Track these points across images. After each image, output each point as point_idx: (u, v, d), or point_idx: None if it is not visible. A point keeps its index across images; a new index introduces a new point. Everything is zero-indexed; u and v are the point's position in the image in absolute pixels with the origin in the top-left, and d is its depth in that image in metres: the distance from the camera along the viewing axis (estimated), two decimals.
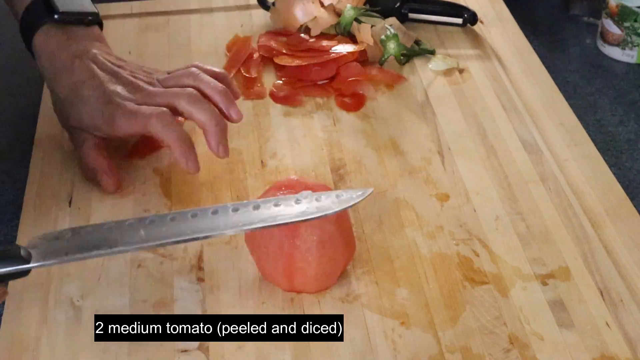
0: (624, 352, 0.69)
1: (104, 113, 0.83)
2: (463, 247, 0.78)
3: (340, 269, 0.75)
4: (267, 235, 0.72)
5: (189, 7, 1.12)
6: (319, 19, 1.03)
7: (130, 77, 0.85)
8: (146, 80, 0.86)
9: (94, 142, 0.85)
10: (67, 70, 0.85)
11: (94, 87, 0.84)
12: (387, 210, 0.82)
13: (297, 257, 0.72)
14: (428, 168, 0.87)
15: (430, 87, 0.99)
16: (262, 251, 0.73)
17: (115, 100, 0.83)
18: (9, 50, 1.13)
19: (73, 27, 0.88)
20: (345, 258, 0.74)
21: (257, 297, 0.74)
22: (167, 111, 0.81)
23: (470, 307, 0.73)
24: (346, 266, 0.75)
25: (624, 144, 0.95)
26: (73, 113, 0.85)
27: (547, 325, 0.71)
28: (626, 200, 0.83)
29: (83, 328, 0.72)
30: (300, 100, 0.97)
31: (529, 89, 0.98)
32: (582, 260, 0.77)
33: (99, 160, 0.84)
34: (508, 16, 1.11)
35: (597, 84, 1.04)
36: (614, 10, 1.05)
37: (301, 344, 0.70)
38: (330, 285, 0.74)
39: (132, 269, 0.77)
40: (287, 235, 0.71)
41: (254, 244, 0.74)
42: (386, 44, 1.00)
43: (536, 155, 0.88)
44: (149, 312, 0.73)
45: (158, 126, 0.80)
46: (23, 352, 0.70)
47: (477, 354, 0.69)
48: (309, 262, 0.72)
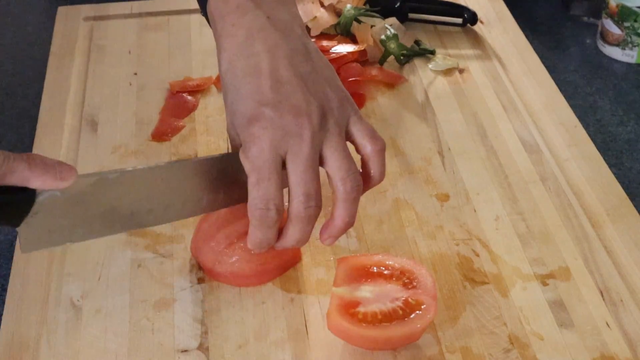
0: (624, 352, 0.69)
1: (251, 119, 0.68)
2: (463, 247, 0.78)
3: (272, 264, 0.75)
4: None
5: (189, 7, 1.12)
6: (319, 19, 1.03)
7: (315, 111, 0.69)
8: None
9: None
10: (237, 44, 0.70)
11: (263, 83, 0.69)
12: (387, 210, 0.82)
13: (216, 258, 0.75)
14: (428, 168, 0.87)
15: (430, 87, 0.99)
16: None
17: (262, 135, 0.67)
18: (9, 50, 1.13)
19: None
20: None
21: (257, 297, 0.74)
22: (275, 209, 0.67)
23: (470, 307, 0.73)
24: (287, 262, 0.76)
25: (624, 144, 0.95)
26: (229, 96, 0.70)
27: (547, 325, 0.71)
28: (626, 200, 0.83)
29: (83, 328, 0.72)
30: None
31: (529, 89, 0.98)
32: (582, 260, 0.77)
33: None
34: (508, 16, 1.11)
35: (597, 84, 1.04)
36: (614, 10, 1.05)
37: (301, 344, 0.70)
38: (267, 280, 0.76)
39: (132, 269, 0.77)
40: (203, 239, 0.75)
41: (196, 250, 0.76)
42: (386, 44, 1.00)
43: (536, 155, 0.88)
44: (149, 312, 0.73)
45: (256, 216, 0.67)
46: (23, 352, 0.70)
47: (477, 354, 0.69)
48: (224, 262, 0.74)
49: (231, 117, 0.70)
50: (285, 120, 0.67)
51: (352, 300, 0.69)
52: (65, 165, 0.64)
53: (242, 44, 0.70)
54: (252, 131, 0.67)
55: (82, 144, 0.91)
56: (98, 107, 0.96)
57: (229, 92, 0.70)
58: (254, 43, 0.70)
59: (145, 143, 0.90)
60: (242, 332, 0.71)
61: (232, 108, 0.70)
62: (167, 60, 1.03)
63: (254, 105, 0.68)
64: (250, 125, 0.67)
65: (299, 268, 0.77)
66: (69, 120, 0.94)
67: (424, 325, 0.68)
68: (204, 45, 1.06)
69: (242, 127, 0.68)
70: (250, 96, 0.68)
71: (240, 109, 0.69)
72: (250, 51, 0.70)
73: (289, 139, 0.67)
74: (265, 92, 0.68)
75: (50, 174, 0.63)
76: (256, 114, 0.68)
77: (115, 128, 0.93)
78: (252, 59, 0.69)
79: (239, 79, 0.69)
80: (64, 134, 0.92)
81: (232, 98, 0.70)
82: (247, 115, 0.68)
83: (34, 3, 1.23)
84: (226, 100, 0.71)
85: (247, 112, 0.68)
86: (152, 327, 0.72)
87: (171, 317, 0.73)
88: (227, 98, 0.71)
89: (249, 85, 0.69)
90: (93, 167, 0.87)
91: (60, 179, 0.63)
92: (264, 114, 0.67)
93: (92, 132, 0.92)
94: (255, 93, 0.68)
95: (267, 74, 0.69)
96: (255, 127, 0.67)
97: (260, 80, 0.69)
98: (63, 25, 1.09)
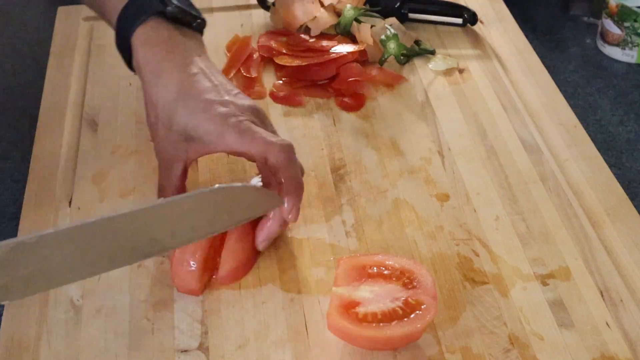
0: (624, 352, 0.69)
1: (214, 117, 0.75)
2: (463, 247, 0.78)
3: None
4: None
5: None
6: (319, 19, 1.03)
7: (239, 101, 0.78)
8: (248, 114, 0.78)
9: (184, 168, 0.78)
10: (178, 64, 0.78)
11: (210, 86, 0.77)
12: (387, 210, 0.82)
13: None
14: (428, 168, 0.87)
15: (430, 87, 0.99)
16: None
17: (232, 109, 0.76)
18: (9, 51, 1.13)
19: (181, 27, 0.81)
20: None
21: (257, 297, 0.74)
22: (292, 145, 0.75)
23: (470, 307, 0.73)
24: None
25: (624, 144, 0.95)
26: (179, 115, 0.76)
27: (547, 325, 0.71)
28: (626, 200, 0.83)
29: (83, 328, 0.72)
30: (300, 100, 0.97)
31: (529, 89, 0.98)
32: (582, 260, 0.77)
33: (178, 192, 0.78)
34: (508, 16, 1.11)
35: (597, 84, 1.04)
36: (614, 10, 1.05)
37: (301, 343, 0.70)
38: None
39: (132, 269, 0.77)
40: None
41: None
42: (386, 44, 1.00)
43: (536, 155, 0.88)
44: (149, 312, 0.73)
45: (283, 157, 0.74)
46: (23, 352, 0.70)
47: (477, 354, 0.69)
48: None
49: (196, 133, 0.76)
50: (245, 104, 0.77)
51: (352, 300, 0.69)
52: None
53: (182, 68, 0.78)
54: (242, 126, 0.75)
55: (82, 144, 0.91)
56: (98, 107, 0.96)
57: (184, 113, 0.76)
58: (191, 66, 0.79)
59: (145, 143, 0.90)
60: (242, 332, 0.71)
61: (194, 123, 0.76)
62: None
63: (217, 109, 0.76)
64: (221, 107, 0.76)
65: (299, 268, 0.77)
66: (69, 120, 0.94)
67: (424, 325, 0.68)
68: None
69: (209, 115, 0.75)
70: (210, 103, 0.76)
71: (207, 120, 0.76)
72: (191, 73, 0.78)
73: (259, 117, 0.78)
74: (221, 94, 0.78)
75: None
76: (222, 112, 0.75)
77: (115, 128, 0.93)
78: (195, 78, 0.78)
79: (198, 95, 0.77)
80: (64, 134, 0.92)
81: (191, 115, 0.76)
82: (220, 119, 0.75)
83: (34, 3, 1.23)
84: (173, 118, 0.77)
85: (220, 117, 0.75)
86: (152, 327, 0.72)
87: (171, 317, 0.73)
88: (178, 120, 0.76)
89: (208, 94, 0.77)
90: (93, 167, 0.87)
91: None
92: (220, 109, 0.76)
93: (92, 132, 0.92)
94: (213, 100, 0.77)
95: (213, 85, 0.78)
96: (225, 111, 0.75)
97: (217, 89, 0.78)
98: (63, 25, 1.09)
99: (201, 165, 0.87)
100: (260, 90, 0.98)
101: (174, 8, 0.80)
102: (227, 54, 1.04)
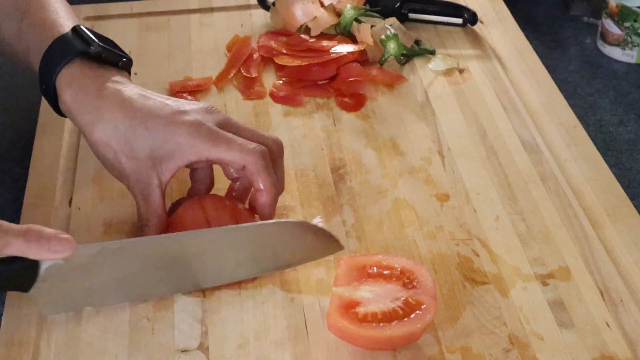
0: (624, 352, 0.69)
1: (181, 128, 0.75)
2: (463, 247, 0.78)
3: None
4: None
5: (189, 7, 1.12)
6: (319, 19, 1.03)
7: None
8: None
9: (161, 193, 0.76)
10: (114, 96, 0.77)
11: (160, 102, 0.77)
12: (387, 210, 0.82)
13: None
14: (428, 168, 0.87)
15: (430, 87, 0.99)
16: None
17: (194, 116, 0.76)
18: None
19: (106, 66, 0.80)
20: None
21: (257, 297, 0.74)
22: (266, 151, 0.75)
23: (470, 307, 0.73)
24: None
25: (624, 144, 0.95)
26: (141, 139, 0.75)
27: (547, 325, 0.71)
28: (626, 200, 0.83)
29: (83, 328, 0.72)
30: (300, 100, 0.97)
31: (529, 89, 0.98)
32: (582, 260, 0.77)
33: (162, 221, 0.77)
34: (508, 16, 1.11)
35: (597, 84, 1.04)
36: (614, 10, 1.05)
37: (301, 343, 0.70)
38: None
39: None
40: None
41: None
42: (386, 44, 1.00)
43: (536, 155, 0.88)
44: (149, 312, 0.73)
45: (261, 165, 0.74)
46: (23, 352, 0.70)
47: (477, 354, 0.69)
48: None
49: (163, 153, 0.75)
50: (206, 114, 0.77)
51: (352, 300, 0.69)
52: (63, 239, 0.68)
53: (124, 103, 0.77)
54: (214, 135, 0.74)
55: (82, 144, 0.90)
56: None
57: (146, 135, 0.75)
58: (129, 93, 0.77)
59: None
60: (242, 332, 0.71)
61: (161, 141, 0.75)
62: (167, 60, 1.03)
63: (181, 119, 0.75)
64: (185, 118, 0.75)
65: (299, 268, 0.77)
66: (69, 120, 0.93)
67: (424, 325, 0.68)
68: (204, 45, 1.06)
69: (188, 140, 0.74)
70: (171, 116, 0.76)
71: (174, 133, 0.75)
72: (133, 98, 0.77)
73: (212, 118, 0.76)
74: (175, 105, 0.77)
75: (45, 248, 0.67)
76: (189, 121, 0.75)
77: None
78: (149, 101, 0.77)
79: (153, 113, 0.76)
80: (64, 134, 0.92)
81: (156, 134, 0.75)
82: (189, 128, 0.75)
83: None
84: (133, 142, 0.75)
85: (187, 126, 0.75)
86: (152, 327, 0.72)
87: (171, 317, 0.73)
88: (141, 145, 0.75)
89: (163, 110, 0.76)
90: (93, 167, 0.87)
91: (54, 253, 0.67)
92: (183, 118, 0.75)
93: None
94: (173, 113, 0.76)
95: (160, 101, 0.78)
96: (192, 122, 0.75)
97: (167, 102, 0.77)
98: None
99: None
100: (260, 90, 0.98)
101: (97, 47, 0.79)
102: (227, 54, 1.04)
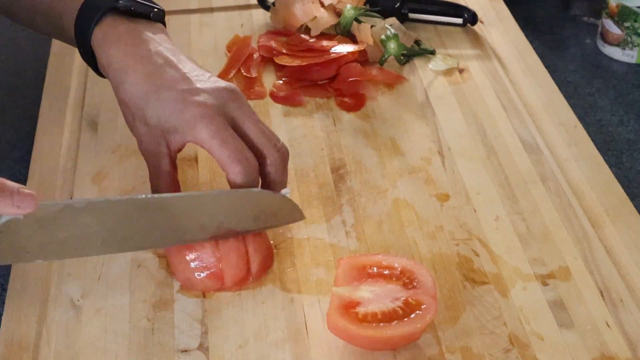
0: (624, 352, 0.69)
1: (188, 106, 0.75)
2: (463, 247, 0.78)
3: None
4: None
5: (189, 7, 1.12)
6: (319, 19, 1.03)
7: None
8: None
9: (171, 162, 0.77)
10: (142, 58, 0.77)
11: (179, 76, 0.76)
12: (387, 210, 0.82)
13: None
14: (428, 168, 0.87)
15: (430, 87, 0.99)
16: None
17: (205, 97, 0.75)
18: (9, 51, 1.13)
19: (138, 19, 0.80)
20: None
21: (257, 297, 0.74)
22: (250, 169, 0.74)
23: (470, 307, 0.73)
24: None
25: (624, 144, 0.95)
26: (152, 108, 0.76)
27: (547, 325, 0.71)
28: (626, 200, 0.83)
29: (83, 328, 0.72)
30: (300, 100, 0.97)
31: (529, 89, 0.98)
32: (582, 260, 0.77)
33: (173, 189, 0.77)
34: (508, 16, 1.11)
35: (597, 84, 1.04)
36: (614, 10, 1.05)
37: (301, 343, 0.70)
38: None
39: (132, 268, 0.77)
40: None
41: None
42: (386, 44, 1.00)
43: (536, 155, 0.88)
44: (149, 312, 0.73)
45: (237, 181, 0.74)
46: (23, 352, 0.70)
47: (477, 354, 0.69)
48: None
49: (160, 121, 0.75)
50: (213, 94, 0.76)
51: (352, 300, 0.69)
52: (26, 194, 0.67)
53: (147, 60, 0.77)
54: (214, 128, 0.73)
55: (82, 144, 0.91)
56: (98, 107, 0.96)
57: (157, 105, 0.75)
58: (156, 57, 0.77)
59: None
60: (242, 332, 0.71)
61: (168, 114, 0.75)
62: None
63: (178, 95, 0.75)
64: (186, 109, 0.74)
65: (299, 268, 0.77)
66: (69, 120, 0.94)
67: (424, 325, 0.68)
68: (204, 45, 1.06)
69: (191, 122, 0.74)
70: (182, 93, 0.75)
71: (181, 110, 0.75)
72: (157, 64, 0.77)
73: (227, 103, 0.75)
74: (192, 82, 0.76)
75: (7, 201, 0.66)
76: (198, 102, 0.75)
77: (115, 128, 0.93)
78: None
79: (168, 85, 0.76)
80: (64, 134, 0.92)
81: (165, 107, 0.75)
82: (194, 110, 0.74)
83: None
84: (145, 115, 0.76)
85: (193, 107, 0.74)
86: (152, 327, 0.72)
87: (171, 317, 0.73)
88: (151, 113, 0.75)
89: (178, 84, 0.76)
90: (93, 167, 0.87)
91: (17, 207, 0.66)
92: (194, 98, 0.75)
93: (92, 132, 0.92)
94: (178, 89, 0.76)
95: (182, 74, 0.77)
96: (191, 107, 0.74)
97: (187, 77, 0.77)
98: None
99: (201, 165, 0.87)
100: (260, 90, 0.98)
101: (127, 1, 0.79)
102: (227, 54, 1.04)
